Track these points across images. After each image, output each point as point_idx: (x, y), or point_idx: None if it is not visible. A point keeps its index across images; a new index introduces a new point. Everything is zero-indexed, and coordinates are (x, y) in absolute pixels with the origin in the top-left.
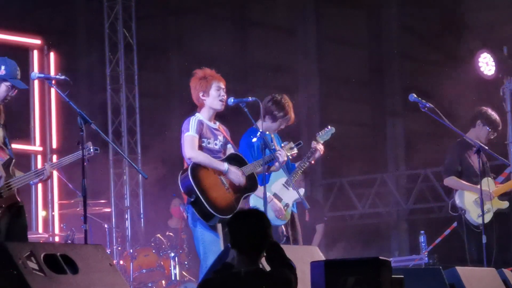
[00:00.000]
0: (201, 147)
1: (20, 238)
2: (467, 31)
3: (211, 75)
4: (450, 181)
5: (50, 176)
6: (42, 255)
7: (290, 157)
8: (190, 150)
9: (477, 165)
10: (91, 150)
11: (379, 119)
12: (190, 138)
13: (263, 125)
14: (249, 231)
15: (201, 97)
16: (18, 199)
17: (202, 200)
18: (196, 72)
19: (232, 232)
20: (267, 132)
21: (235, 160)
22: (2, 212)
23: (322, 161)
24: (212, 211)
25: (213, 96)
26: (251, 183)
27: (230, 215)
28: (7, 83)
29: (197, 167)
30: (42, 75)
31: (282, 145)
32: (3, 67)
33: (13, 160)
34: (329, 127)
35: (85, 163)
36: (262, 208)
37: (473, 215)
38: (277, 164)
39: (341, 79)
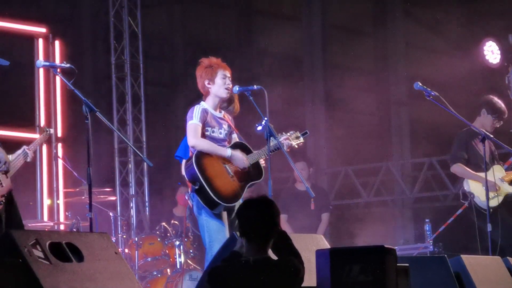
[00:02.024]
0: (205, 136)
1: (18, 225)
2: (472, 19)
3: (217, 64)
4: (457, 168)
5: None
6: (47, 243)
7: (296, 146)
8: (193, 138)
9: (483, 153)
10: (48, 131)
11: (384, 107)
12: (194, 126)
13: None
14: (258, 219)
15: (207, 85)
16: (11, 186)
17: (207, 188)
18: (202, 61)
19: (241, 220)
20: None
21: (240, 148)
22: (4, 202)
23: (327, 149)
24: (217, 199)
25: (218, 84)
26: (257, 172)
27: (235, 203)
28: None
29: (201, 155)
30: (48, 63)
31: (288, 134)
32: None
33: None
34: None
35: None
36: None
37: (482, 198)
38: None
39: (346, 67)
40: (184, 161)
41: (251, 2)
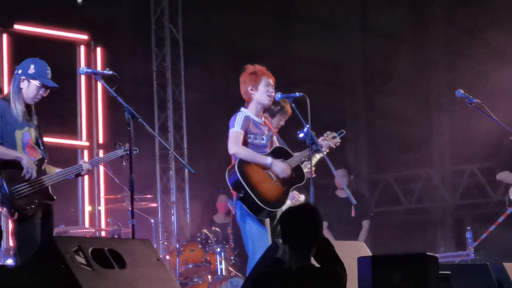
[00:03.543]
0: (247, 143)
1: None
2: None
3: (261, 71)
4: (503, 175)
5: (87, 172)
6: (89, 250)
7: (334, 147)
8: (234, 146)
9: None
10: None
11: (425, 114)
12: (235, 134)
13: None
14: (301, 226)
15: (250, 91)
16: (53, 196)
17: (251, 194)
18: (247, 67)
19: (284, 227)
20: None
21: (280, 153)
22: (36, 207)
23: (368, 156)
24: (262, 205)
25: (261, 91)
26: (298, 175)
27: (279, 208)
28: (36, 82)
29: (243, 162)
30: (90, 70)
31: (325, 134)
32: (32, 66)
33: (45, 160)
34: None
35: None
36: None
37: None
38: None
39: (386, 74)
40: (227, 170)
41: (290, 8)
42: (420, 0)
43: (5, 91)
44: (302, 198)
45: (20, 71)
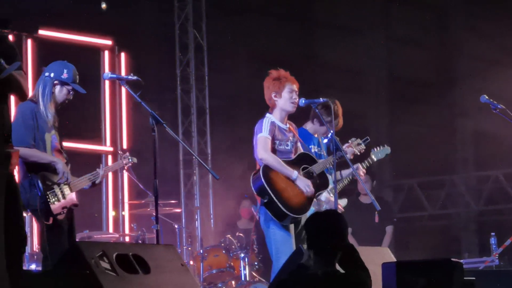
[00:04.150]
0: (273, 149)
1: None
2: None
3: (285, 77)
4: None
5: (101, 181)
6: (114, 255)
7: (358, 153)
8: (263, 151)
9: None
10: (129, 160)
11: (448, 120)
12: (263, 139)
13: (312, 127)
14: (326, 232)
15: (273, 97)
16: (77, 202)
17: (275, 200)
18: (271, 72)
19: (309, 233)
20: (315, 135)
21: (304, 159)
22: (66, 213)
23: (392, 162)
24: (286, 211)
25: (285, 98)
26: (323, 181)
27: (303, 214)
28: (68, 87)
29: (269, 168)
30: (115, 76)
31: (350, 141)
32: (65, 71)
33: (69, 165)
34: (386, 146)
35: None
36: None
37: None
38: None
39: (409, 79)
40: (251, 175)
41: (313, 14)
42: (444, 7)
43: (29, 94)
44: (344, 202)
45: (52, 75)
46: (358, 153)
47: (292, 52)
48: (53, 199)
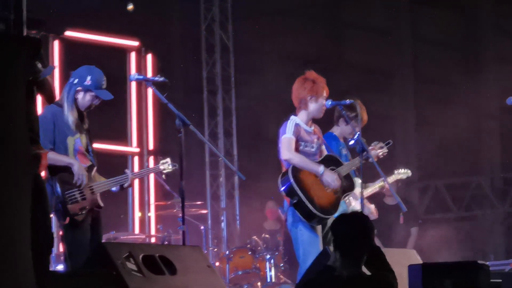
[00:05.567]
0: (298, 150)
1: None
2: None
3: (323, 83)
4: None
5: (131, 185)
6: (140, 256)
7: (381, 156)
8: (287, 152)
9: None
10: (170, 166)
11: (475, 121)
12: (287, 140)
13: (338, 130)
14: (353, 234)
15: (308, 100)
16: (101, 204)
17: (304, 200)
18: (310, 73)
19: (336, 234)
20: (341, 140)
21: (330, 161)
22: (86, 214)
23: (418, 163)
24: (315, 211)
25: (319, 104)
26: (349, 183)
27: (332, 215)
28: (92, 93)
29: (297, 168)
30: (141, 77)
31: (373, 144)
32: (89, 78)
33: (95, 167)
34: (408, 171)
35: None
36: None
37: None
38: None
39: (436, 81)
40: (279, 177)
41: (341, 16)
42: (471, 8)
43: (57, 97)
44: (372, 206)
45: (76, 81)
46: (381, 156)
47: (319, 53)
48: (71, 200)
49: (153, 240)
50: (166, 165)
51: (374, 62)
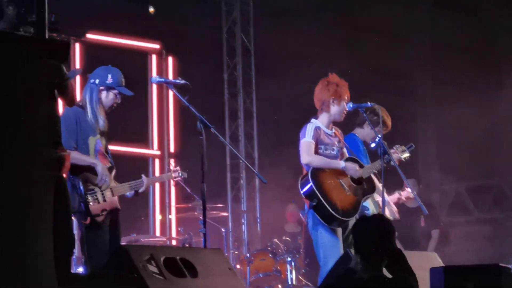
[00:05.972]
0: (317, 154)
1: (115, 244)
2: None
3: (345, 88)
4: None
5: (145, 190)
6: (162, 259)
7: (404, 160)
8: (307, 156)
9: None
10: (180, 175)
11: (495, 124)
12: (307, 144)
13: (361, 132)
14: (374, 237)
15: (331, 102)
16: (119, 206)
17: (324, 203)
18: (333, 76)
19: (357, 237)
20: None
21: (352, 163)
22: (105, 215)
23: (439, 166)
24: (335, 214)
25: (341, 107)
26: (370, 185)
27: (352, 218)
28: (115, 91)
29: (316, 171)
30: (163, 80)
31: (395, 148)
32: (109, 76)
33: (114, 169)
34: (404, 147)
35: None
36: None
37: None
38: None
39: (455, 84)
40: (299, 179)
41: (360, 19)
42: (488, 11)
43: (77, 99)
44: (394, 207)
45: (97, 81)
46: (403, 160)
47: (339, 56)
48: (93, 200)
49: (174, 242)
50: (177, 173)
51: (393, 65)
